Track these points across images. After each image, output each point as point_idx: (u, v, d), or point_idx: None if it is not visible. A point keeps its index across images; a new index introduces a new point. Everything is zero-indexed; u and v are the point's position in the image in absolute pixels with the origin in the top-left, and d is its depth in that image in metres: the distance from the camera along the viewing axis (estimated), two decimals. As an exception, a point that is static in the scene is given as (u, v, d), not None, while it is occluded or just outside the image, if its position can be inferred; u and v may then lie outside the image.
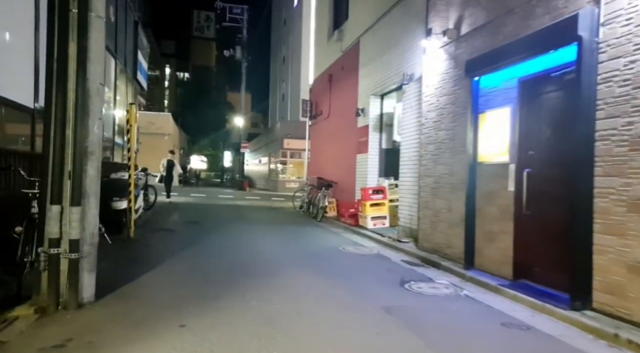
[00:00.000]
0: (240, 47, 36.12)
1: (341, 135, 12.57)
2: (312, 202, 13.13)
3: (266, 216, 13.03)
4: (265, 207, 15.81)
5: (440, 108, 6.69)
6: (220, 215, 12.59)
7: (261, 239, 8.31)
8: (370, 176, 10.40)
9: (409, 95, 8.33)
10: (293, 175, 31.65)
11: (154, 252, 6.58)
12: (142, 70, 14.18)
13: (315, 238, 8.84)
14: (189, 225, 9.85)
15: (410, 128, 8.22)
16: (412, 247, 7.34)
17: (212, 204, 15.93)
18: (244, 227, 9.89)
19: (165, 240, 7.81)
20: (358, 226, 10.00)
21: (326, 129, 14.15)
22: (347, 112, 12.12)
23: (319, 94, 15.21)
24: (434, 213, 6.75)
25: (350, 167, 11.63)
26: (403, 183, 8.47)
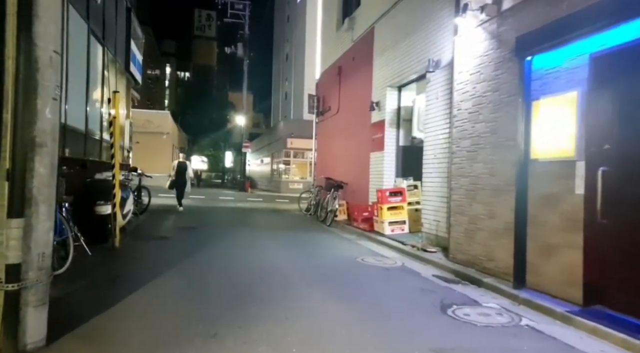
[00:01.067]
0: (242, 44, 35.13)
1: (352, 132, 11.57)
2: (321, 204, 12.13)
3: (270, 220, 12.03)
4: (269, 210, 14.82)
5: (478, 97, 5.69)
6: (220, 219, 11.60)
7: (266, 249, 7.31)
8: (387, 176, 9.40)
9: (434, 84, 7.33)
10: (297, 176, 30.67)
11: (140, 267, 5.58)
12: (136, 63, 13.21)
13: (328, 246, 7.84)
14: (184, 232, 8.86)
15: (436, 121, 7.22)
16: (442, 259, 6.34)
17: (211, 207, 14.94)
18: (246, 234, 8.90)
19: (156, 250, 6.82)
20: (373, 232, 9.00)
21: (335, 126, 13.14)
22: (359, 106, 11.12)
23: (327, 89, 14.21)
24: (470, 219, 5.74)
25: (362, 166, 10.62)
26: (427, 185, 7.47)
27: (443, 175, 6.91)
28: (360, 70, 11.11)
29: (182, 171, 12.69)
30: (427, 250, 6.77)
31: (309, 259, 6.56)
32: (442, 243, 6.84)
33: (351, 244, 8.13)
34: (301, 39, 33.88)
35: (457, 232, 6.04)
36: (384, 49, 9.63)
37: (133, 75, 12.79)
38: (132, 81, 13.23)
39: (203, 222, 10.49)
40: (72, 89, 7.18)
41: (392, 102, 9.40)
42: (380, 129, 9.58)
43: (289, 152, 30.39)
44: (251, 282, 4.95)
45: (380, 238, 8.28)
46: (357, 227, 9.74)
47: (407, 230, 8.60)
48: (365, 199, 10.28)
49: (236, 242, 7.83)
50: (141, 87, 59.96)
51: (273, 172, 34.16)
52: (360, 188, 10.77)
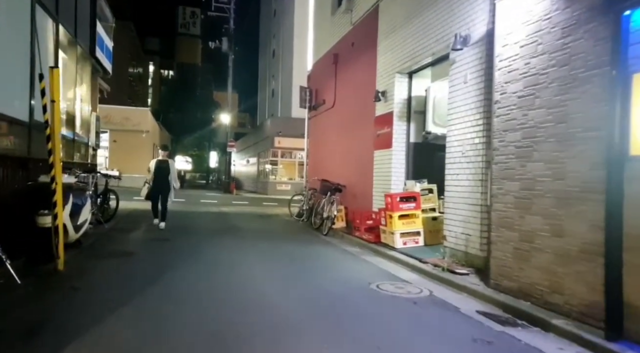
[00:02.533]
0: (227, 38, 33.50)
1: (352, 128, 10.18)
2: (315, 209, 10.70)
3: (258, 228, 10.54)
4: (256, 215, 13.32)
5: (535, 74, 4.33)
6: (199, 228, 10.07)
7: (253, 269, 5.85)
8: (395, 178, 8.02)
9: (460, 65, 5.96)
10: (285, 177, 29.18)
11: (81, 305, 4.07)
12: (105, 49, 11.59)
13: (329, 264, 6.41)
14: (155, 245, 7.35)
15: (463, 111, 5.86)
16: (479, 285, 4.96)
17: (191, 212, 13.37)
18: (228, 247, 7.42)
19: (112, 274, 5.30)
20: (380, 243, 7.61)
21: (330, 121, 11.73)
22: (359, 98, 9.73)
23: (321, 80, 12.79)
24: (523, 236, 4.38)
25: (364, 166, 9.24)
26: (452, 189, 6.10)
27: (476, 178, 5.55)
28: (361, 56, 9.72)
29: (163, 173, 9.08)
30: (456, 272, 5.40)
31: (307, 284, 5.12)
32: (475, 263, 5.48)
33: (356, 261, 6.71)
34: (289, 33, 32.41)
35: (501, 251, 4.67)
36: (391, 30, 8.24)
37: (100, 62, 11.18)
38: (100, 70, 11.61)
39: (179, 232, 8.96)
40: (4, 68, 5.64)
41: (402, 91, 8.02)
42: (387, 122, 8.20)
43: (276, 152, 28.90)
44: (237, 329, 3.49)
45: (391, 253, 6.89)
46: (359, 237, 8.34)
47: (422, 242, 7.24)
48: (368, 205, 8.90)
49: (216, 259, 6.35)
50: (123, 85, 57.65)
51: (260, 172, 32.62)
52: (361, 192, 9.38)
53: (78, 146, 10.00)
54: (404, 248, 7.07)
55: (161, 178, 9.13)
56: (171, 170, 9.20)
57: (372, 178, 8.78)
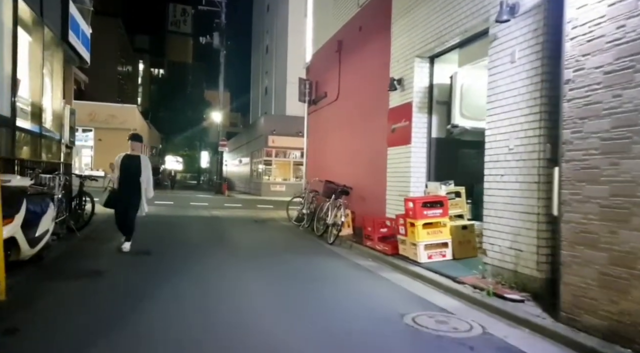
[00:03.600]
0: (218, 33, 32.21)
1: (359, 122, 9.05)
2: (318, 215, 9.56)
3: (253, 236, 9.36)
4: (251, 219, 12.13)
5: (629, 42, 3.23)
6: (188, 236, 8.85)
7: (249, 292, 4.68)
8: (415, 179, 6.90)
9: (506, 41, 4.85)
10: (279, 177, 27.99)
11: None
12: (82, 35, 10.33)
13: (344, 286, 5.25)
14: (132, 261, 6.14)
15: (509, 98, 4.75)
16: (542, 315, 3.85)
17: (180, 216, 12.14)
18: (221, 263, 6.24)
19: (70, 305, 4.09)
20: (397, 256, 6.49)
21: (334, 116, 10.60)
22: (369, 88, 8.61)
23: (322, 72, 11.65)
24: (616, 258, 3.27)
25: (376, 165, 8.12)
26: (494, 193, 4.98)
27: (529, 179, 4.44)
28: (370, 41, 8.60)
29: (132, 174, 6.56)
30: (506, 298, 4.27)
31: (320, 317, 3.96)
32: (530, 286, 4.36)
33: (375, 279, 5.57)
34: (283, 28, 31.24)
35: (578, 275, 3.55)
36: (408, 8, 7.11)
37: (75, 49, 9.92)
38: (76, 58, 10.36)
39: (163, 242, 7.76)
40: None
41: (422, 79, 6.90)
42: (404, 115, 7.08)
43: (270, 151, 27.70)
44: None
45: (415, 269, 5.76)
46: (371, 248, 7.21)
47: (450, 256, 6.12)
48: (380, 209, 7.77)
49: (204, 279, 5.17)
50: (112, 83, 56.30)
51: (253, 173, 31.39)
52: (372, 195, 8.25)
53: (47, 143, 8.75)
54: (430, 262, 5.94)
55: (129, 180, 6.52)
56: (143, 169, 6.58)
57: (385, 179, 7.66)
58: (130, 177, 6.60)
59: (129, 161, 6.65)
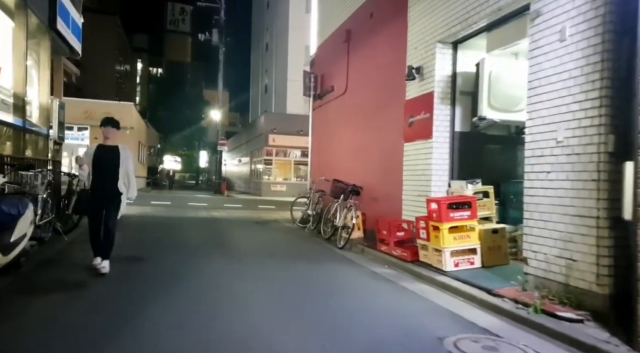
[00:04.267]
0: (217, 30, 31.55)
1: (371, 116, 8.40)
2: (325, 216, 8.90)
3: (256, 239, 8.69)
4: (252, 221, 11.46)
5: None
6: (185, 239, 8.18)
7: (256, 308, 4.00)
8: (437, 177, 6.24)
9: (553, 17, 4.19)
10: (279, 177, 27.32)
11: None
12: (72, 24, 9.65)
13: (364, 299, 4.57)
14: (123, 269, 5.47)
15: (559, 82, 4.09)
16: (611, 341, 3.20)
17: (177, 218, 11.46)
18: (221, 271, 5.57)
19: (46, 327, 3.42)
20: (418, 262, 5.84)
21: (341, 110, 9.95)
22: (382, 79, 7.97)
23: (328, 64, 11.00)
24: None
25: (390, 163, 7.47)
26: (538, 193, 4.32)
27: (585, 176, 3.78)
28: (383, 28, 7.94)
29: (108, 169, 5.05)
30: (560, 316, 3.62)
31: (343, 343, 3.30)
32: (586, 303, 3.70)
33: (397, 291, 4.91)
34: (283, 25, 30.59)
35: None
36: (428, -11, 6.46)
37: (65, 38, 9.25)
38: (66, 49, 9.68)
39: (158, 247, 7.09)
40: None
41: (444, 66, 6.25)
42: (424, 106, 6.42)
43: (270, 150, 27.03)
44: None
45: (440, 279, 5.10)
46: (386, 253, 6.55)
47: (479, 263, 5.46)
48: (394, 211, 7.12)
49: (203, 291, 4.50)
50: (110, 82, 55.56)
51: (252, 172, 30.72)
52: (385, 195, 7.60)
53: (32, 139, 8.08)
54: (457, 271, 5.29)
55: (105, 177, 5.00)
56: (122, 163, 5.07)
57: (401, 178, 7.00)
58: (106, 174, 5.02)
59: (104, 153, 5.05)
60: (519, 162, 6.67)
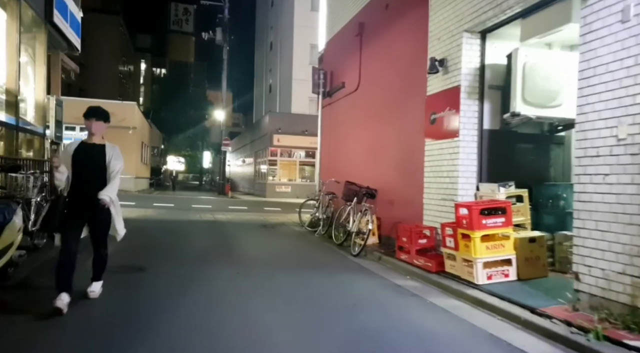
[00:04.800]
0: (221, 28, 31.08)
1: (386, 113, 7.86)
2: (336, 220, 8.39)
3: (265, 245, 8.16)
4: (259, 224, 10.93)
5: None
6: (188, 246, 7.64)
7: (269, 330, 3.48)
8: (464, 180, 5.69)
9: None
10: (284, 178, 26.80)
11: None
12: (71, 18, 9.17)
13: (393, 321, 4.01)
14: (119, 280, 4.95)
15: (621, 69, 3.53)
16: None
17: (180, 221, 10.95)
18: (231, 286, 5.04)
19: None
20: (443, 273, 5.30)
21: (353, 108, 9.41)
22: (399, 73, 7.43)
23: (339, 60, 10.47)
24: None
25: (408, 163, 6.93)
26: (592, 199, 3.75)
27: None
28: (401, 18, 7.40)
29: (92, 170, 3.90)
30: (631, 346, 3.07)
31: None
32: (659, 327, 3.15)
33: (428, 309, 4.36)
34: (289, 23, 30.06)
35: None
36: (453, -26, 5.91)
37: (63, 33, 8.78)
38: (64, 44, 9.21)
39: (159, 254, 6.57)
40: None
41: (472, 58, 5.69)
42: (449, 101, 5.87)
43: (275, 151, 26.50)
44: None
45: (473, 293, 4.55)
46: (406, 262, 6.01)
47: (514, 275, 4.91)
48: (414, 215, 6.58)
49: (210, 311, 3.97)
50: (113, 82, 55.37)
51: (256, 173, 30.22)
52: (403, 198, 7.06)
53: (27, 138, 7.62)
54: (490, 284, 4.74)
55: (85, 183, 3.87)
56: (112, 166, 3.95)
57: (421, 180, 6.45)
58: (89, 179, 3.87)
59: (86, 153, 3.91)
60: (553, 163, 6.13)
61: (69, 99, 26.33)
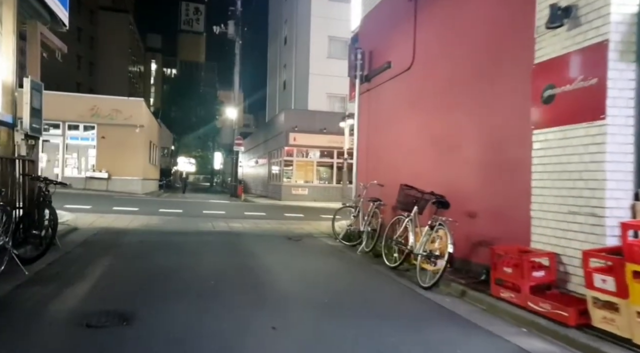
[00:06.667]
0: (233, 22, 29.39)
1: (458, 94, 5.93)
2: (387, 234, 6.50)
3: (297, 269, 6.22)
4: (282, 236, 9.03)
5: None
6: (197, 271, 5.72)
7: None
8: (613, 184, 3.71)
9: None
10: (301, 179, 24.92)
11: None
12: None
13: None
14: (96, 340, 3.10)
15: None
16: None
17: (189, 233, 9.07)
18: (260, 348, 3.17)
19: None
20: (589, 328, 3.40)
21: (403, 91, 7.52)
22: (480, 39, 5.51)
23: (378, 37, 8.59)
24: None
25: (499, 162, 5.01)
26: None
27: None
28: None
29: None
30: None
31: None
32: None
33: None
34: (305, 14, 28.23)
35: None
36: None
37: (48, 6, 7.02)
38: (44, 14, 7.41)
39: (157, 287, 4.71)
40: None
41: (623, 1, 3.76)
42: (585, 67, 3.93)
43: (291, 151, 24.64)
44: None
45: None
46: (513, 303, 4.10)
47: None
48: (511, 233, 4.67)
49: None
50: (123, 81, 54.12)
51: (271, 174, 28.39)
52: (491, 209, 5.14)
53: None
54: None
55: None
56: None
57: (526, 184, 4.53)
58: None
59: None
60: None
61: (71, 94, 24.86)
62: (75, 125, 22.91)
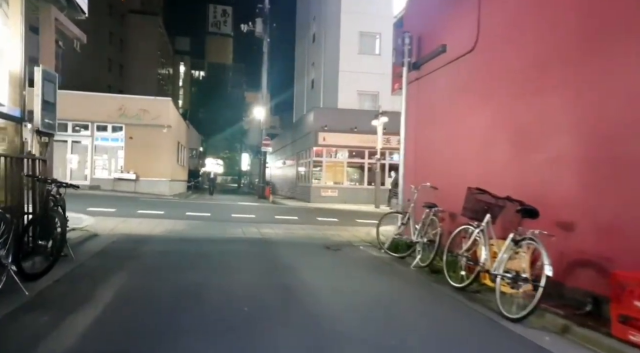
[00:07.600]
0: (261, 19, 28.73)
1: (546, 78, 4.80)
2: (450, 247, 5.42)
3: (343, 288, 5.20)
4: (319, 244, 8.03)
5: None
6: (226, 291, 4.80)
7: None
8: None
9: None
10: (330, 181, 23.91)
11: None
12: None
13: None
14: None
15: None
16: None
17: (216, 240, 8.18)
18: None
19: None
20: None
21: (462, 79, 6.42)
22: (570, 9, 4.37)
23: (429, 18, 7.53)
24: None
25: (618, 160, 3.87)
26: None
27: None
28: None
29: None
30: None
31: None
32: None
33: None
34: (335, 10, 27.26)
35: None
36: None
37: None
38: (63, 1, 6.70)
39: (177, 316, 3.79)
40: None
41: None
42: None
43: (320, 151, 23.66)
44: None
45: None
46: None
47: None
48: (630, 253, 3.51)
49: None
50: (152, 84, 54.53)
51: (299, 175, 27.51)
52: (604, 222, 3.99)
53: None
54: None
55: None
56: None
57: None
58: None
59: None
60: None
61: (98, 94, 24.58)
62: (104, 126, 22.62)
